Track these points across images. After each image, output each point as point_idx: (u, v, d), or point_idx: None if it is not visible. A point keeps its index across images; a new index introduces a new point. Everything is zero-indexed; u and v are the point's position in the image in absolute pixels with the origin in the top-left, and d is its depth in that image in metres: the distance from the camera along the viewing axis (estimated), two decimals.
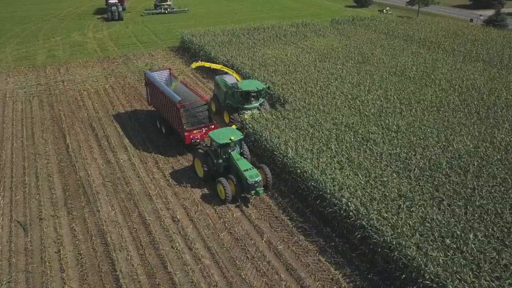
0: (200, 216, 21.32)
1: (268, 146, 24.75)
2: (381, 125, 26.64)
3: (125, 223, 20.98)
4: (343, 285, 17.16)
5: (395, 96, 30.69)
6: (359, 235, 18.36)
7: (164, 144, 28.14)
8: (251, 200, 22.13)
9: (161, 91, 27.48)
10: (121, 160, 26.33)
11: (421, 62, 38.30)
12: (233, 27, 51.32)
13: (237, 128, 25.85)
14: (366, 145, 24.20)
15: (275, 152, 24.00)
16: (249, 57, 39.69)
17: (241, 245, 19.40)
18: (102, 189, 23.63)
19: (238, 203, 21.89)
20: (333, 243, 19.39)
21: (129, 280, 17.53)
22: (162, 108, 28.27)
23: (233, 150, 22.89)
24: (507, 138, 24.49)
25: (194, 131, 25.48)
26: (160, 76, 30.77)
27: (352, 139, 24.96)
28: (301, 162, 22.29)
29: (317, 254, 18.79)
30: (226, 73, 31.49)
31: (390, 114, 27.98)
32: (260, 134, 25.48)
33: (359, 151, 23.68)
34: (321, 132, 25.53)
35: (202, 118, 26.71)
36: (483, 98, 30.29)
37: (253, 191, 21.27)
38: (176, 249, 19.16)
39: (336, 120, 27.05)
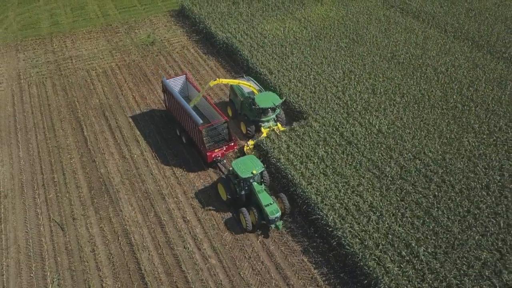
0: (206, 216, 25.65)
1: (264, 147, 28.34)
2: (365, 124, 29.88)
3: (144, 223, 25.38)
4: (320, 283, 21.97)
5: (381, 89, 33.36)
6: (335, 242, 22.80)
7: (172, 136, 31.57)
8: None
9: (182, 107, 28.65)
10: (135, 156, 30.03)
11: (412, 41, 39.99)
12: None
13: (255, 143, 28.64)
14: (349, 149, 27.72)
15: (269, 155, 27.68)
16: (248, 34, 41.26)
17: (240, 245, 23.95)
18: (121, 187, 27.70)
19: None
20: (315, 244, 23.92)
21: (152, 278, 22.34)
22: (183, 121, 29.68)
23: (254, 180, 24.48)
24: (473, 143, 27.91)
25: (215, 150, 27.39)
26: (176, 83, 32.15)
27: (338, 141, 28.43)
28: (290, 169, 26.06)
29: (301, 255, 23.40)
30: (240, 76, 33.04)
31: (374, 112, 31.01)
32: (258, 138, 28.93)
33: (342, 155, 27.30)
34: (310, 134, 28.91)
35: (223, 136, 28.28)
36: (462, 91, 32.99)
37: (273, 225, 23.77)
38: (188, 249, 23.75)
39: (324, 120, 30.21)
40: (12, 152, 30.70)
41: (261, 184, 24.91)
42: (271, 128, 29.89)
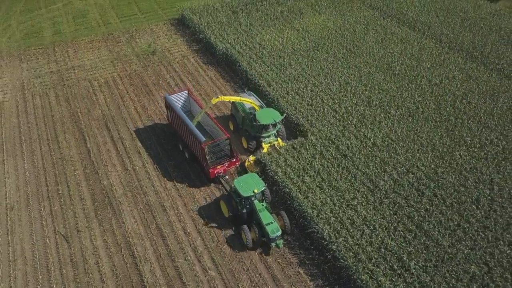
0: (205, 229, 26.56)
1: (262, 160, 29.23)
2: (360, 137, 30.74)
3: (146, 235, 26.28)
4: None
5: (377, 101, 34.21)
6: (330, 255, 23.71)
7: (172, 148, 32.45)
8: None
9: (185, 124, 29.24)
10: (137, 167, 30.90)
11: (408, 52, 40.80)
12: None
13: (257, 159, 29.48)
14: (344, 162, 28.60)
15: (267, 169, 28.57)
16: (247, 45, 42.07)
17: (238, 258, 24.87)
18: (124, 199, 28.59)
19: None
20: (311, 256, 24.83)
21: None
22: (185, 137, 30.45)
23: (255, 198, 25.02)
24: (465, 157, 28.80)
25: (218, 166, 28.06)
26: (178, 99, 32.84)
27: (334, 154, 29.31)
28: (288, 183, 26.95)
29: (297, 267, 24.32)
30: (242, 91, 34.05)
31: (370, 125, 31.86)
32: (258, 153, 29.86)
33: (338, 169, 28.19)
34: (307, 147, 29.79)
35: (225, 152, 29.12)
36: (455, 104, 33.85)
37: (274, 244, 24.30)
38: (188, 261, 24.66)
39: (321, 133, 31.08)
40: (18, 164, 31.58)
41: (263, 202, 25.54)
42: (272, 144, 30.67)
